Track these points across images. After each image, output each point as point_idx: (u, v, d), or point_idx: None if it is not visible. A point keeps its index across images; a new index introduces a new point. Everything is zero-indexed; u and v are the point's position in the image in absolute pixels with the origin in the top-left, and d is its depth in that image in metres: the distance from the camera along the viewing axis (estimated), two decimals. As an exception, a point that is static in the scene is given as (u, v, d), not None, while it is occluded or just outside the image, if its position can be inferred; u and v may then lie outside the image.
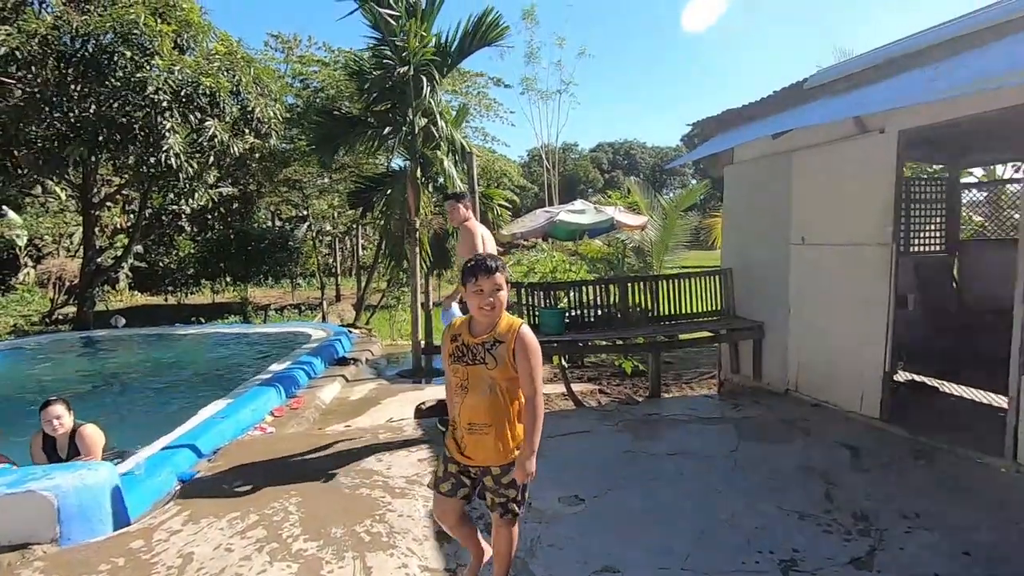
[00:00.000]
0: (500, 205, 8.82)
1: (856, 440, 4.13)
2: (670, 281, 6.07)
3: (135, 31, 8.39)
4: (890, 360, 4.49)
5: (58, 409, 3.67)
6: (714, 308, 6.07)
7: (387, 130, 7.04)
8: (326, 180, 14.30)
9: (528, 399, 2.11)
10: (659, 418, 4.88)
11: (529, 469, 2.13)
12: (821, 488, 3.38)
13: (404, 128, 7.15)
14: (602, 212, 9.18)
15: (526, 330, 2.12)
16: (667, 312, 6.00)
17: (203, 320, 12.76)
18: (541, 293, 5.74)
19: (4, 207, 13.95)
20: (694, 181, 60.85)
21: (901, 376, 5.62)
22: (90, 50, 8.67)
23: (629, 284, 6.03)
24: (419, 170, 7.45)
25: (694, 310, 6.07)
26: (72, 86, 8.80)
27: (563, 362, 6.23)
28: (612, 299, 5.93)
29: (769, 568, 2.59)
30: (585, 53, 32.50)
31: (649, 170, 61.69)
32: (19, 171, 9.57)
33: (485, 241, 4.32)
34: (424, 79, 6.81)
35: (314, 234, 18.17)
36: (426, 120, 7.42)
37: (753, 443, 4.19)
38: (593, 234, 10.09)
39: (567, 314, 5.74)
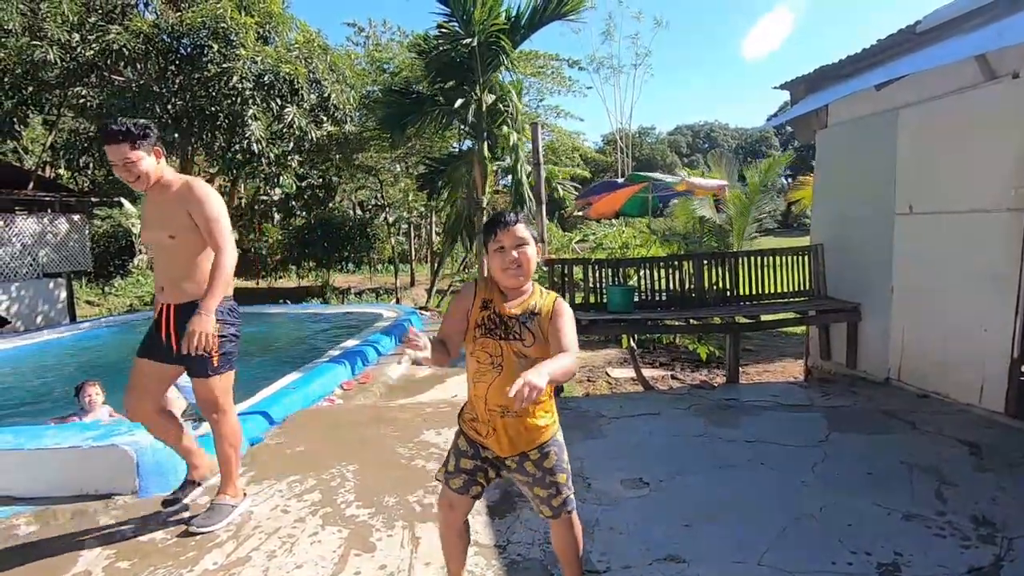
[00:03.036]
0: (561, 183, 8.56)
1: (975, 436, 3.56)
2: (752, 258, 5.58)
3: (222, 25, 8.87)
4: (1019, 347, 3.84)
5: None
6: (802, 288, 5.52)
7: (458, 103, 6.96)
8: (398, 168, 14.61)
9: (565, 350, 1.73)
10: (736, 403, 4.48)
11: (535, 383, 1.47)
12: (931, 487, 2.92)
13: (472, 105, 7.07)
14: (675, 176, 8.69)
15: (562, 301, 1.87)
16: (747, 292, 5.52)
17: (288, 302, 13.48)
18: (609, 270, 5.46)
19: (121, 199, 15.39)
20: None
21: (1032, 368, 4.85)
22: (186, 45, 9.30)
23: (705, 261, 5.60)
24: (486, 148, 7.35)
25: (779, 290, 5.55)
26: (171, 80, 9.49)
27: (632, 344, 5.92)
28: (687, 278, 5.53)
29: (865, 571, 2.23)
30: (662, 24, 30.45)
31: (732, 153, 58.48)
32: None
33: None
34: (493, 52, 6.67)
35: (391, 222, 18.69)
36: (493, 97, 7.30)
37: (847, 434, 3.73)
38: (665, 200, 9.47)
39: (637, 293, 5.43)
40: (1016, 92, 3.71)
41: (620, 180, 9.06)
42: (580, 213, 9.53)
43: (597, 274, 5.41)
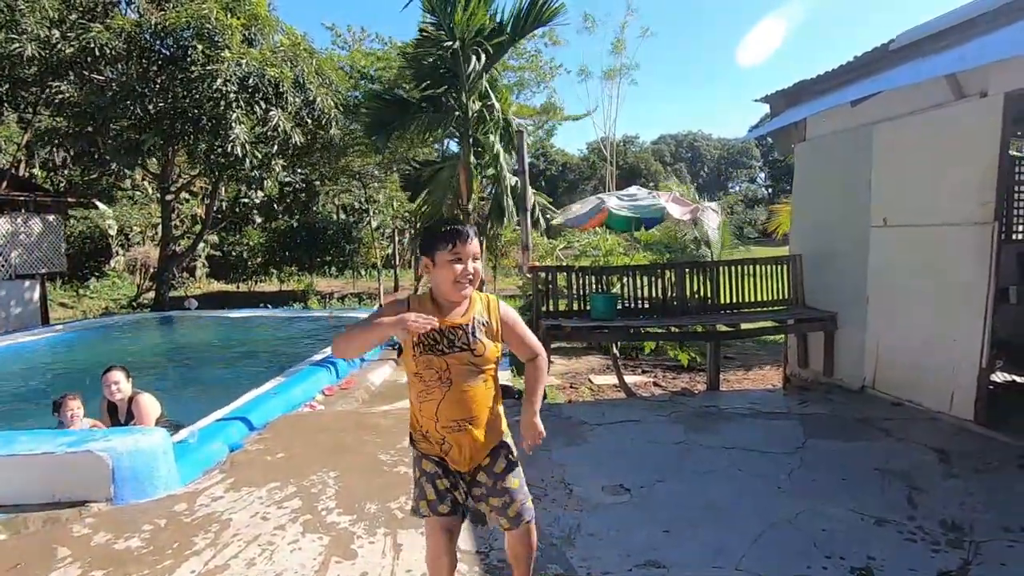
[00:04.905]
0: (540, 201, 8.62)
1: (945, 443, 3.66)
2: (732, 268, 5.67)
3: (207, 26, 8.79)
4: (987, 357, 3.97)
5: (116, 375, 3.83)
6: (781, 297, 5.63)
7: (443, 111, 7.00)
8: (378, 172, 14.56)
9: (534, 359, 1.93)
10: (716, 410, 4.55)
11: (540, 428, 1.89)
12: (903, 492, 2.99)
13: (457, 112, 7.10)
14: (655, 198, 8.82)
15: (504, 304, 1.90)
16: (728, 301, 5.61)
17: (269, 306, 13.32)
18: (592, 277, 5.51)
19: (96, 200, 15.08)
20: (762, 175, 58.07)
21: (999, 377, 5.01)
22: (170, 45, 9.19)
23: (687, 270, 5.68)
24: (471, 154, 7.38)
25: (758, 299, 5.65)
26: (153, 80, 9.36)
27: (615, 351, 5.97)
28: (669, 287, 5.59)
29: (839, 575, 2.29)
30: (648, 33, 29.89)
31: (715, 162, 59.28)
32: (104, 160, 10.26)
33: None
34: (475, 57, 6.72)
35: (375, 226, 18.61)
36: (480, 104, 7.34)
37: (822, 441, 3.81)
38: (649, 224, 9.73)
39: (619, 301, 5.48)
40: (984, 110, 3.85)
41: (601, 199, 9.20)
42: (566, 218, 9.62)
43: (580, 281, 5.46)
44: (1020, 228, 5.94)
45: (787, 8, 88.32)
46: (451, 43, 6.70)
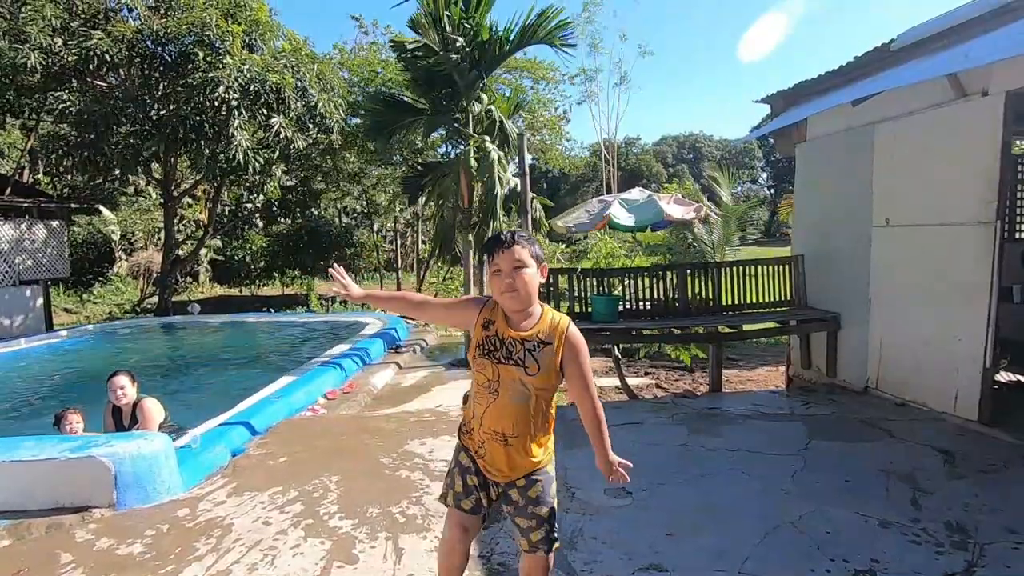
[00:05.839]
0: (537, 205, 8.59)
1: (949, 443, 3.65)
2: (734, 269, 5.66)
3: (208, 32, 8.83)
4: (991, 356, 3.95)
5: (122, 380, 3.84)
6: (783, 298, 5.61)
7: (440, 117, 7.01)
8: (378, 173, 14.60)
9: (591, 403, 1.84)
10: (719, 412, 4.54)
11: (617, 461, 1.92)
12: (907, 494, 2.98)
13: (457, 115, 7.10)
14: (656, 202, 8.82)
15: (575, 330, 1.77)
16: (730, 302, 5.60)
17: (272, 310, 13.35)
18: (594, 279, 5.50)
19: (99, 206, 15.15)
20: (764, 175, 57.93)
21: (1004, 376, 4.99)
22: (171, 52, 9.24)
23: (689, 272, 5.67)
24: (472, 158, 7.36)
25: (761, 300, 5.64)
26: (155, 87, 9.41)
27: (617, 353, 5.96)
28: (671, 288, 5.58)
29: (842, 578, 2.28)
30: (647, 52, 29.15)
31: (716, 163, 59.19)
32: (108, 167, 10.30)
33: None
34: (478, 65, 6.72)
35: (376, 230, 18.65)
36: (479, 107, 7.33)
37: (826, 442, 3.79)
38: (656, 227, 9.72)
39: (621, 303, 5.47)
40: (985, 109, 3.84)
41: (605, 198, 9.19)
42: (568, 223, 9.61)
43: (582, 283, 5.45)
44: (1023, 227, 5.92)
45: (787, 4, 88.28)
46: (454, 52, 6.69)
